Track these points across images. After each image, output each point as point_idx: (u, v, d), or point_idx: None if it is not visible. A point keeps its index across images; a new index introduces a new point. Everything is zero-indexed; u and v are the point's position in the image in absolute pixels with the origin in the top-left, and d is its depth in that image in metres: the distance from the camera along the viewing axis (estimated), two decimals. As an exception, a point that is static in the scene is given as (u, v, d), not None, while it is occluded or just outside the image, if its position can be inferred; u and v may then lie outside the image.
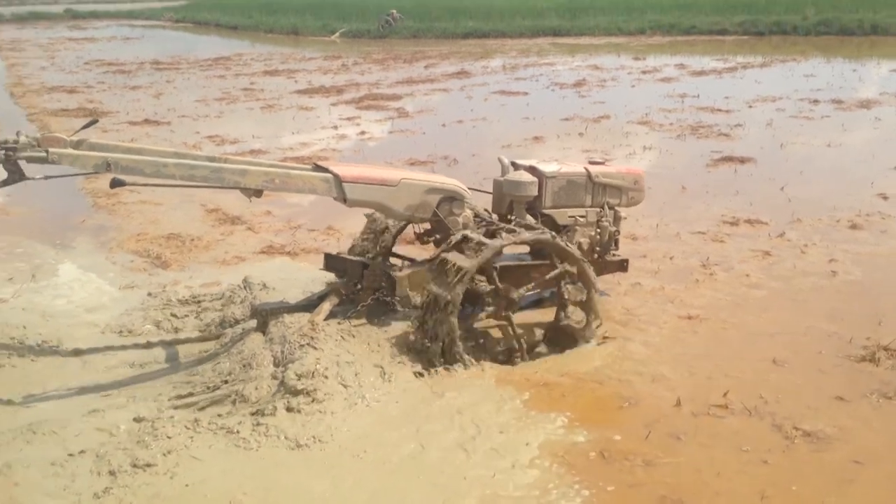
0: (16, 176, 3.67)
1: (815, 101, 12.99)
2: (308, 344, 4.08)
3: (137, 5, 59.16)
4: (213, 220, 7.12)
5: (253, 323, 4.61)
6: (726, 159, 9.20)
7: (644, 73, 17.97)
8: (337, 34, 32.79)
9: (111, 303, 5.29)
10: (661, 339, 4.73)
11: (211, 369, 4.28)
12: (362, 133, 11.67)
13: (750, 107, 12.83)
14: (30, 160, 3.65)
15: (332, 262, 4.84)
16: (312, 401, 3.77)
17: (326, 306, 4.46)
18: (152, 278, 5.67)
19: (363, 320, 4.50)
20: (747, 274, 5.70)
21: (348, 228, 6.84)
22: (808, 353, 4.53)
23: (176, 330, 4.87)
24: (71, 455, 3.45)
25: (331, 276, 4.98)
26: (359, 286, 4.60)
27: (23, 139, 3.68)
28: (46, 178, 3.86)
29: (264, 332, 4.41)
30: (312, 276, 5.41)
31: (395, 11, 32.56)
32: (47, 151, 3.65)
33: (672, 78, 16.84)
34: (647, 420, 3.86)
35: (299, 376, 3.84)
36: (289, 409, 3.73)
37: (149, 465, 3.33)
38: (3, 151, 3.59)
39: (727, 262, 5.94)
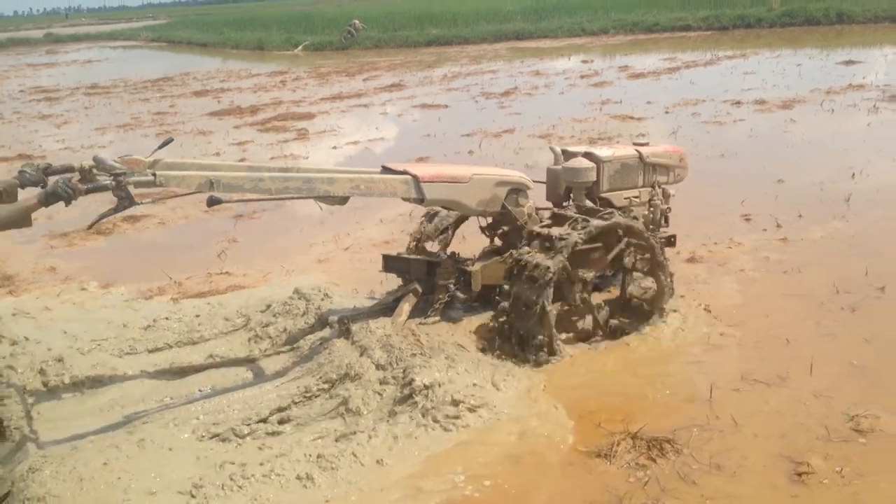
0: (126, 202, 3.53)
1: (738, 103, 12.08)
2: (420, 353, 4.03)
3: (119, 26, 58.85)
4: (-22, 281, 6.32)
5: (323, 333, 4.52)
6: (603, 178, 8.32)
7: (582, 77, 17.10)
8: (300, 47, 32.13)
9: None
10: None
11: (300, 383, 4.08)
12: (242, 160, 10.85)
13: (667, 112, 11.94)
14: (138, 185, 3.54)
15: (392, 262, 4.91)
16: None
17: (406, 307, 4.49)
18: None
19: (438, 318, 4.58)
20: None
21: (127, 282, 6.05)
22: (550, 443, 3.67)
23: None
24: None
25: None
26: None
27: (111, 163, 3.57)
28: (154, 201, 3.98)
29: (348, 340, 4.29)
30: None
31: (357, 21, 31.91)
32: (154, 175, 3.56)
33: (607, 82, 15.95)
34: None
35: (427, 386, 3.76)
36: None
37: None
38: (113, 178, 3.48)
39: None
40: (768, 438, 3.52)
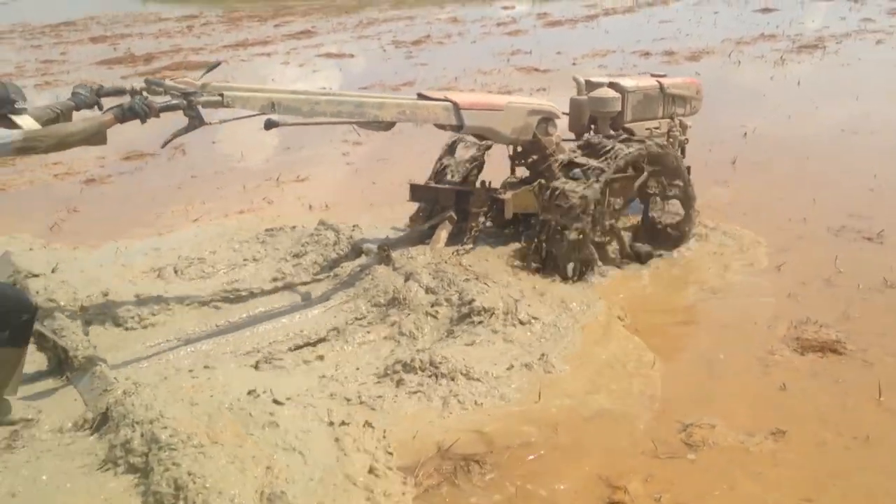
0: (196, 122, 3.56)
1: (647, 55, 11.69)
2: (475, 278, 4.09)
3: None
4: None
5: (360, 261, 4.49)
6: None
7: (498, 25, 16.53)
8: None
9: None
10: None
11: (346, 309, 4.11)
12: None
13: (574, 64, 11.48)
14: (206, 105, 3.56)
15: (419, 192, 4.92)
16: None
17: (444, 234, 4.57)
18: None
19: (471, 245, 4.58)
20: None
21: None
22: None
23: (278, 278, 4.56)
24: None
25: None
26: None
27: (172, 83, 3.60)
28: (221, 122, 3.73)
29: (390, 267, 4.29)
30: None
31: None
32: (222, 95, 3.59)
33: (522, 31, 15.42)
34: None
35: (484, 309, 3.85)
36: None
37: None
38: (183, 98, 3.49)
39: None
40: (590, 454, 3.11)
